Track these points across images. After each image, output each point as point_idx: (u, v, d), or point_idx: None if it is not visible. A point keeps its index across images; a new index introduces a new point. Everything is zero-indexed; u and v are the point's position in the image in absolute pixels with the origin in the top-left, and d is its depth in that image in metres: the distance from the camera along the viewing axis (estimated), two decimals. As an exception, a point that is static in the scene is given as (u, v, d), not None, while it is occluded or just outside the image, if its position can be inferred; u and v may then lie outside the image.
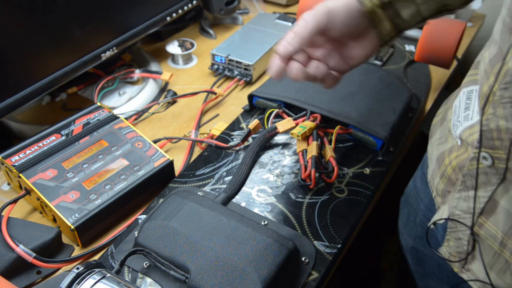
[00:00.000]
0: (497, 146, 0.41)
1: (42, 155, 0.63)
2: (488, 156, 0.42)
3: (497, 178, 0.42)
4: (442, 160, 0.53)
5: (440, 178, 0.53)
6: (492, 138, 0.41)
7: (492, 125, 0.41)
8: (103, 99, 0.84)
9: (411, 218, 0.68)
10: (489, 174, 0.43)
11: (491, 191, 0.43)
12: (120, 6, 0.80)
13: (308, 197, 0.63)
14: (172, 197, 0.60)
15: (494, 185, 0.43)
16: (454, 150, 0.50)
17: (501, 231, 0.44)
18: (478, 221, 0.46)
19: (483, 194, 0.44)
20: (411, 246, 0.68)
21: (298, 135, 0.64)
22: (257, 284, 0.48)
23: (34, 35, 0.68)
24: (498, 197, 0.43)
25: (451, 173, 0.50)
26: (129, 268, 0.54)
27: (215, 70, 0.91)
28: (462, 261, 0.50)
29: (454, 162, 0.50)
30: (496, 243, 0.44)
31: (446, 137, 0.54)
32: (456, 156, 0.50)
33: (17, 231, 0.57)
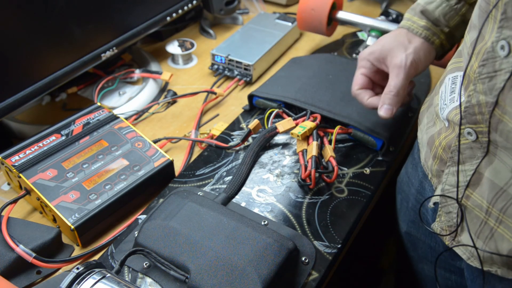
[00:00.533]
0: (479, 120, 0.44)
1: (42, 155, 0.63)
2: (472, 131, 0.45)
3: (481, 151, 0.46)
4: (432, 143, 0.56)
5: (433, 159, 0.56)
6: (474, 113, 0.44)
7: (474, 100, 0.44)
8: (103, 99, 0.84)
9: (404, 203, 0.70)
10: (474, 149, 0.46)
11: (476, 164, 0.47)
12: (120, 6, 0.80)
13: (308, 197, 0.63)
14: (172, 197, 0.60)
15: (479, 158, 0.46)
16: (443, 131, 0.53)
17: (486, 201, 0.47)
18: (465, 193, 0.49)
19: (469, 168, 0.48)
20: (405, 231, 0.71)
21: (298, 135, 0.64)
22: (257, 284, 0.48)
23: (34, 35, 0.68)
24: (483, 169, 0.46)
25: (442, 153, 0.53)
26: (129, 268, 0.54)
27: (215, 70, 0.91)
28: (453, 234, 0.53)
29: (444, 142, 0.53)
30: (482, 212, 0.47)
31: (434, 121, 0.57)
32: (445, 137, 0.53)
33: (17, 231, 0.57)
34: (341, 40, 1.01)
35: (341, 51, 0.96)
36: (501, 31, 0.40)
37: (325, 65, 0.82)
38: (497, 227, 0.46)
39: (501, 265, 0.48)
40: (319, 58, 0.85)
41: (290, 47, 1.01)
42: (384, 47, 0.61)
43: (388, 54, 0.61)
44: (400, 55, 0.60)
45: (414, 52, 0.60)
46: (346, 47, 0.97)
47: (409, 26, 0.62)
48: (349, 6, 1.17)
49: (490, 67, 0.42)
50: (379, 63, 0.63)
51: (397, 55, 0.60)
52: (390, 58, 0.61)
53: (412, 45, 0.61)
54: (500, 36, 0.40)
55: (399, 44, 0.61)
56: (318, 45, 1.01)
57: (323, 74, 0.79)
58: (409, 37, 0.61)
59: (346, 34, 1.03)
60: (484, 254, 0.49)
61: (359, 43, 0.98)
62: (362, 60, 0.65)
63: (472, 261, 0.51)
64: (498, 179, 0.45)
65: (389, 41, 0.62)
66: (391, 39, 0.62)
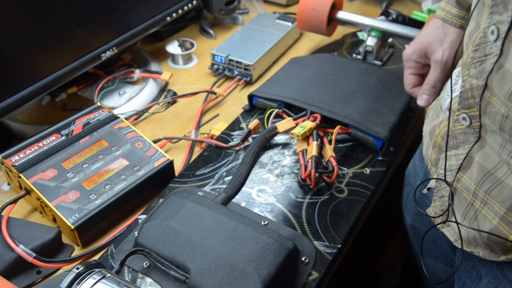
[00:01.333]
0: (472, 104, 0.46)
1: (42, 155, 0.63)
2: (466, 116, 0.47)
3: (474, 136, 0.48)
4: (433, 133, 0.58)
5: (433, 148, 0.58)
6: (467, 98, 0.47)
7: (467, 85, 0.46)
8: (103, 99, 0.84)
9: (410, 196, 0.71)
10: (468, 134, 0.49)
11: (468, 148, 0.49)
12: (120, 6, 0.80)
13: (308, 197, 0.63)
14: (172, 197, 0.60)
15: (471, 143, 0.48)
16: (444, 121, 0.56)
17: (474, 183, 0.49)
18: (456, 176, 0.51)
19: (461, 152, 0.50)
20: (410, 223, 0.73)
21: (298, 135, 0.64)
22: (257, 284, 0.48)
23: (34, 35, 0.68)
24: (474, 154, 0.48)
25: (440, 141, 0.56)
26: (129, 268, 0.54)
27: (215, 70, 0.91)
28: (445, 217, 0.55)
29: (443, 131, 0.55)
30: (470, 194, 0.50)
31: (438, 113, 0.59)
32: (444, 126, 0.55)
33: (17, 231, 0.57)
34: (341, 40, 1.01)
35: (341, 51, 0.96)
36: (491, 17, 0.42)
37: (325, 65, 0.82)
38: (481, 208, 0.48)
39: (483, 247, 0.51)
40: (319, 58, 0.85)
41: (290, 47, 1.01)
42: (423, 44, 0.65)
43: (427, 49, 0.65)
44: (437, 50, 0.64)
45: (450, 46, 0.63)
46: (346, 47, 0.97)
47: (444, 16, 0.64)
48: (349, 6, 1.17)
49: (481, 52, 0.44)
50: (423, 59, 0.67)
51: (435, 50, 0.64)
52: (430, 53, 0.65)
53: (448, 38, 0.63)
54: (491, 22, 0.42)
55: (436, 38, 0.64)
56: (318, 45, 1.01)
57: (323, 74, 0.79)
58: (445, 29, 0.64)
59: (346, 34, 1.03)
60: (469, 235, 0.51)
61: (359, 43, 0.98)
62: (406, 61, 0.69)
63: (458, 243, 0.53)
64: (487, 163, 0.47)
65: (427, 36, 0.65)
66: (428, 34, 0.65)
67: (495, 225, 0.47)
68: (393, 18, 1.00)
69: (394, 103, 0.74)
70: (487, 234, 0.48)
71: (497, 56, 0.41)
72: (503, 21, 0.40)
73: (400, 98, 0.76)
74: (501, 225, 0.47)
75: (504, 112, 0.42)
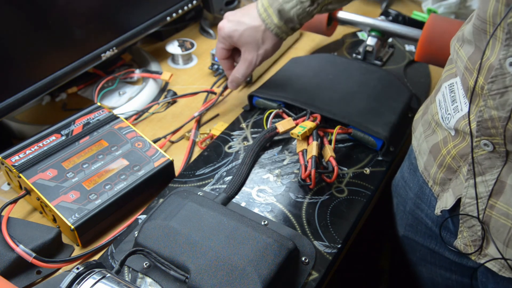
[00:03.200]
0: (493, 134, 0.45)
1: (42, 155, 0.63)
2: (489, 142, 0.46)
3: (501, 160, 0.46)
4: (437, 151, 0.56)
5: (438, 168, 0.56)
6: (488, 127, 0.45)
7: (486, 115, 0.45)
8: (103, 99, 0.84)
9: (401, 207, 0.70)
10: (493, 158, 0.47)
11: (497, 173, 0.47)
12: (120, 6, 0.80)
13: (308, 197, 0.63)
14: (172, 197, 0.60)
15: (499, 167, 0.47)
16: (449, 140, 0.54)
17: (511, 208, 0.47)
18: (488, 203, 0.49)
19: (490, 178, 0.48)
20: (402, 234, 0.71)
21: (298, 135, 0.64)
22: (257, 284, 0.48)
23: (34, 35, 0.68)
24: (504, 177, 0.47)
25: (451, 161, 0.54)
26: (129, 268, 0.54)
27: (215, 70, 0.91)
28: (479, 250, 0.52)
29: (454, 151, 0.53)
30: (509, 219, 0.48)
31: (433, 130, 0.58)
32: (454, 146, 0.53)
33: (17, 231, 0.57)
34: (341, 40, 1.01)
35: (341, 51, 0.96)
36: (508, 49, 0.42)
37: (325, 65, 0.82)
38: None
39: None
40: (319, 58, 0.85)
41: (290, 47, 1.01)
42: (241, 39, 0.71)
43: (242, 45, 0.72)
44: (252, 53, 0.72)
45: (264, 53, 0.72)
46: (346, 47, 0.97)
47: (266, 20, 0.69)
48: (349, 6, 1.16)
49: (500, 84, 0.43)
50: (235, 45, 0.74)
51: (250, 51, 0.72)
52: (244, 50, 0.72)
53: (265, 46, 0.71)
54: (508, 54, 0.42)
55: (254, 41, 0.71)
56: (318, 45, 1.01)
57: (323, 74, 0.79)
58: (265, 35, 0.71)
59: (346, 34, 1.03)
60: None
61: (359, 43, 0.98)
62: (222, 36, 0.74)
63: (504, 272, 0.50)
64: None
65: (247, 34, 0.71)
66: (249, 32, 0.70)
67: None
68: (393, 18, 1.00)
69: (394, 103, 0.74)
70: None
71: None
72: None
73: (400, 98, 0.76)
74: None
75: None
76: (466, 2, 1.04)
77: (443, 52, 0.79)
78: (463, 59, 0.50)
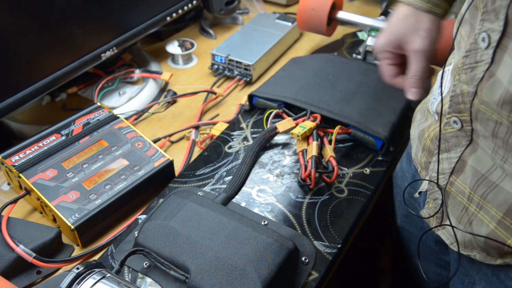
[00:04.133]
0: (462, 109, 0.46)
1: (42, 155, 0.63)
2: (458, 119, 0.47)
3: (466, 140, 0.48)
4: (422, 136, 0.58)
5: (422, 152, 0.58)
6: (458, 102, 0.46)
7: (458, 90, 0.46)
8: (103, 99, 0.84)
9: (398, 198, 0.71)
10: (459, 137, 0.48)
11: (460, 151, 0.49)
12: (120, 6, 0.80)
13: (308, 197, 0.63)
14: (172, 197, 0.60)
15: (463, 146, 0.48)
16: (432, 124, 0.56)
17: (468, 187, 0.49)
18: (449, 180, 0.51)
19: (454, 155, 0.50)
20: (398, 225, 0.72)
21: (298, 135, 0.64)
22: (257, 284, 0.48)
23: (34, 35, 0.68)
24: (466, 157, 0.48)
25: (430, 144, 0.55)
26: (129, 268, 0.54)
27: (215, 70, 0.91)
28: (439, 219, 0.55)
29: (432, 134, 0.55)
30: (464, 198, 0.50)
31: (426, 117, 0.59)
32: (433, 129, 0.55)
33: (17, 231, 0.57)
34: (341, 40, 1.01)
35: (341, 51, 0.96)
36: (482, 24, 0.42)
37: (325, 65, 0.82)
38: (477, 212, 0.48)
39: (479, 250, 0.50)
40: (319, 58, 0.85)
41: (290, 47, 1.01)
42: (398, 34, 0.61)
43: (403, 39, 0.61)
44: (416, 40, 0.60)
45: (428, 34, 0.60)
46: (346, 47, 0.97)
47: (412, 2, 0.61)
48: (349, 6, 1.17)
49: (472, 58, 0.43)
50: (399, 49, 0.63)
51: (412, 40, 0.60)
52: (407, 43, 0.61)
53: (423, 25, 0.60)
54: (482, 28, 0.42)
55: (410, 27, 0.60)
56: (318, 45, 1.01)
57: (323, 74, 0.79)
58: (417, 17, 0.60)
59: (346, 34, 1.03)
60: (465, 238, 0.51)
61: (359, 43, 0.98)
62: (381, 53, 0.65)
63: (454, 246, 0.53)
64: (480, 166, 0.47)
65: (400, 26, 0.61)
66: (401, 23, 0.61)
67: (491, 229, 0.47)
68: (393, 18, 1.00)
69: (394, 103, 0.74)
70: (483, 238, 0.48)
71: (488, 64, 0.41)
72: (494, 29, 0.40)
73: (400, 98, 0.76)
74: (498, 229, 0.46)
75: (497, 119, 0.42)
76: (466, 2, 1.04)
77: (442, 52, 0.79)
78: (464, 38, 0.49)
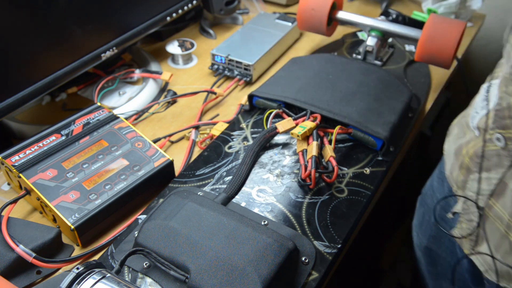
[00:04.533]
0: (508, 125, 0.42)
1: (42, 155, 0.63)
2: (501, 137, 0.43)
3: (508, 160, 0.44)
4: (459, 153, 0.54)
5: (459, 169, 0.54)
6: (504, 117, 0.43)
7: (504, 103, 0.42)
8: (103, 99, 0.84)
9: (426, 217, 0.67)
10: (501, 156, 0.45)
11: (501, 173, 0.45)
12: (120, 6, 0.80)
13: (308, 197, 0.63)
14: (172, 197, 0.60)
15: (505, 167, 0.44)
16: (472, 140, 0.51)
17: (508, 213, 0.45)
18: (488, 203, 0.47)
19: (494, 176, 0.46)
20: (425, 245, 0.68)
21: (298, 135, 0.64)
22: (257, 284, 0.48)
23: (34, 35, 0.68)
24: (508, 180, 0.44)
25: (469, 162, 0.52)
26: (129, 268, 0.54)
27: (215, 70, 0.91)
28: (473, 242, 0.51)
29: (471, 151, 0.51)
30: (503, 225, 0.46)
31: (464, 132, 0.55)
32: (473, 146, 0.50)
33: (17, 231, 0.57)
34: (341, 40, 1.01)
35: (341, 51, 0.96)
36: None
37: (325, 65, 0.82)
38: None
39: None
40: (319, 58, 0.85)
41: (290, 47, 1.01)
42: None
43: None
44: None
45: None
46: (346, 47, 0.97)
47: None
48: (349, 6, 1.17)
49: None
50: None
51: None
52: None
53: None
54: None
55: None
56: (318, 45, 1.01)
57: (323, 74, 0.79)
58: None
59: (346, 34, 1.03)
60: (502, 268, 0.47)
61: (359, 43, 0.98)
62: None
63: (490, 274, 0.49)
64: None
65: None
66: None
67: None
68: (393, 18, 1.00)
69: (394, 103, 0.74)
70: None
71: None
72: None
73: (400, 98, 0.76)
74: None
75: None
76: (466, 2, 1.04)
77: (443, 52, 0.79)
78: None
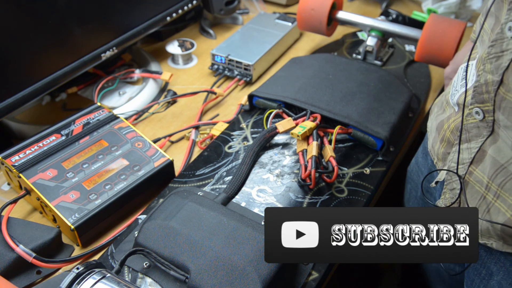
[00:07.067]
0: (485, 99, 0.47)
1: (42, 155, 0.63)
2: (480, 110, 0.48)
3: (487, 130, 0.48)
4: (441, 128, 0.59)
5: (440, 143, 0.59)
6: (481, 92, 0.47)
7: (482, 79, 0.47)
8: (103, 99, 0.84)
9: (413, 193, 0.71)
10: (480, 128, 0.49)
11: (481, 142, 0.50)
12: (120, 6, 0.80)
13: (308, 197, 0.63)
14: (172, 197, 0.60)
15: (484, 136, 0.49)
16: (452, 116, 0.56)
17: (487, 176, 0.49)
18: (468, 170, 0.52)
19: (474, 145, 0.51)
20: None
21: (298, 135, 0.64)
22: (257, 284, 0.48)
23: (34, 35, 0.68)
24: (487, 147, 0.49)
25: (450, 135, 0.56)
26: (129, 268, 0.54)
27: (215, 70, 0.91)
28: None
29: (452, 125, 0.56)
30: (482, 187, 0.50)
31: (444, 109, 0.60)
32: (454, 120, 0.55)
33: (17, 231, 0.57)
34: (341, 40, 1.01)
35: (341, 51, 0.96)
36: (509, 13, 0.42)
37: (325, 65, 0.82)
38: (494, 201, 0.49)
39: (496, 238, 0.51)
40: (319, 58, 0.85)
41: (290, 47, 1.01)
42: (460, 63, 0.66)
43: None
44: None
45: None
46: (346, 47, 0.97)
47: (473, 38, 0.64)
48: (349, 6, 1.17)
49: (498, 48, 0.44)
50: None
51: None
52: None
53: None
54: (509, 18, 0.42)
55: None
56: (318, 45, 1.01)
57: (323, 74, 0.79)
58: None
59: (346, 34, 1.03)
60: (482, 227, 0.52)
61: (359, 43, 0.98)
62: (446, 79, 0.71)
63: None
64: (500, 156, 0.47)
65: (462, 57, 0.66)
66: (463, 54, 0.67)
67: (508, 217, 0.48)
68: (393, 18, 1.00)
69: (394, 103, 0.74)
70: (500, 226, 0.49)
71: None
72: None
73: (400, 98, 0.76)
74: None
75: None
76: (466, 2, 1.04)
77: (443, 52, 0.79)
78: (488, 31, 0.50)
